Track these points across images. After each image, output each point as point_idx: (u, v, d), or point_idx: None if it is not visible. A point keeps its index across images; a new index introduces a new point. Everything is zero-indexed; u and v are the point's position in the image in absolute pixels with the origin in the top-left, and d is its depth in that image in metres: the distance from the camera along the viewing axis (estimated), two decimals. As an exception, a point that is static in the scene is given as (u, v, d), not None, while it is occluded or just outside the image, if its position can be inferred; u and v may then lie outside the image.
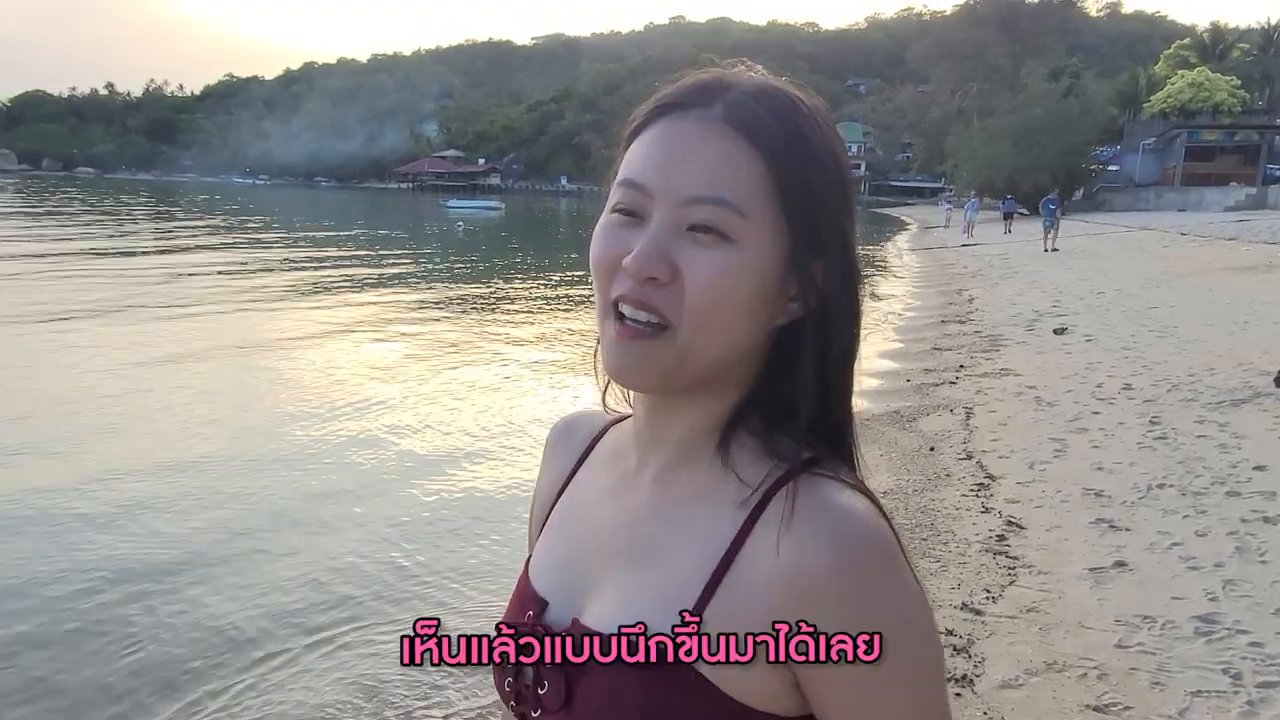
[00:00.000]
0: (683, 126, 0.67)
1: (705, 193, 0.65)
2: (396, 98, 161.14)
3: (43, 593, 4.17)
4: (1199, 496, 4.73)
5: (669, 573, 0.67)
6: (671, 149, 0.67)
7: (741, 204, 0.65)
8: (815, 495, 0.65)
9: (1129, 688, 3.02)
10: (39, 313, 11.62)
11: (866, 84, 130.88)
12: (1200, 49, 61.97)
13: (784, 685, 0.64)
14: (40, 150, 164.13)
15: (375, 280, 18.07)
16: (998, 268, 19.85)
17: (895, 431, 6.55)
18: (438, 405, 7.74)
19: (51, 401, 7.52)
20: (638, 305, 0.66)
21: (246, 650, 3.71)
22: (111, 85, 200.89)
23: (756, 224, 0.65)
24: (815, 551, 0.62)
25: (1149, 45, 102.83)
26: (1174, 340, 9.23)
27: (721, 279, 0.65)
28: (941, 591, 3.82)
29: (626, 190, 0.68)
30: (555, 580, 0.76)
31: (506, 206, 60.74)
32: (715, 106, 0.67)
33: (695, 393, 0.70)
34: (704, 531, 0.67)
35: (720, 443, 0.70)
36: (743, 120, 0.66)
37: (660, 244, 0.65)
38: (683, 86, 0.70)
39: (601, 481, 0.79)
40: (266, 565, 4.53)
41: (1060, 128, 41.73)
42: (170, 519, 5.08)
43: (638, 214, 0.67)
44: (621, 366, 0.68)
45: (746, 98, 0.67)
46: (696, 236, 0.65)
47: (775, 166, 0.65)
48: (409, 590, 4.29)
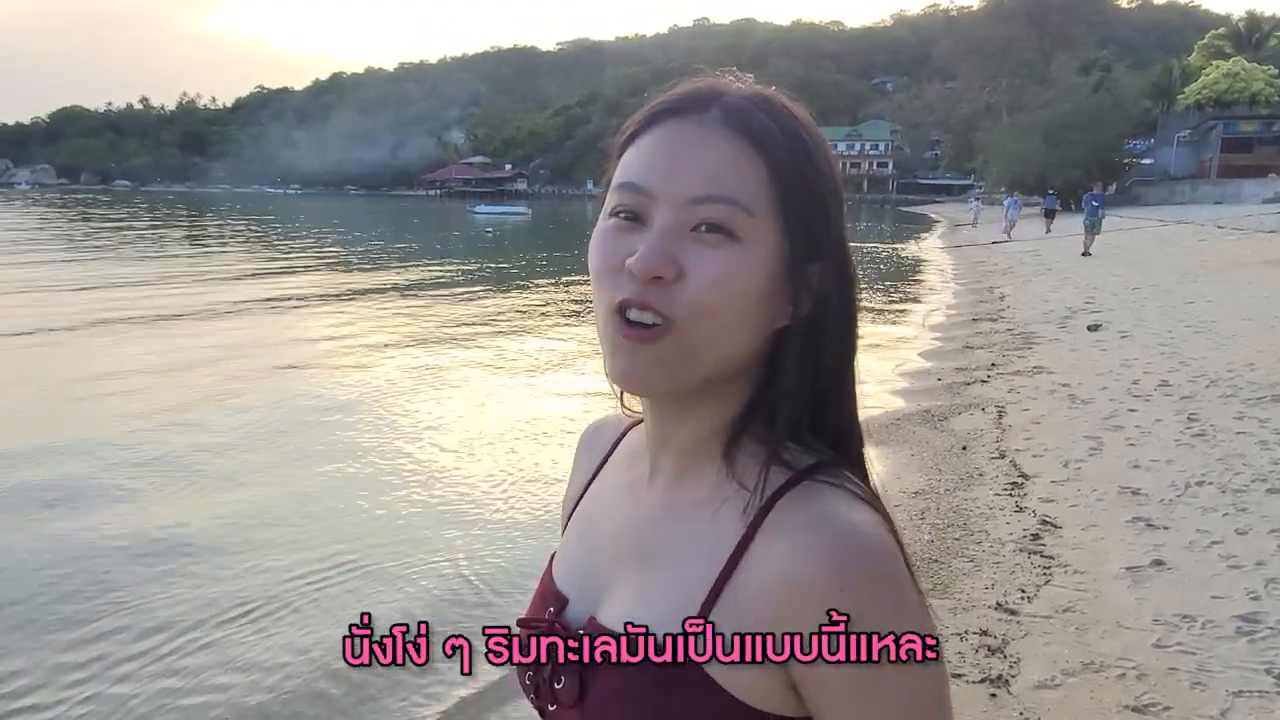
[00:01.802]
0: (682, 130, 0.67)
1: (713, 192, 0.65)
2: (424, 105, 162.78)
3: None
4: (1239, 494, 4.65)
5: (676, 575, 0.68)
6: (673, 151, 0.67)
7: (748, 203, 0.65)
8: (814, 504, 0.65)
9: (1169, 688, 2.98)
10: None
11: (893, 82, 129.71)
12: (1235, 38, 60.69)
13: (785, 688, 0.65)
14: (78, 164, 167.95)
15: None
16: (1029, 265, 19.60)
17: (926, 431, 6.50)
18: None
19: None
20: (642, 307, 0.65)
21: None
22: (146, 99, 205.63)
23: (761, 224, 0.65)
24: (810, 561, 0.62)
25: (1182, 36, 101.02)
26: (1211, 335, 9.06)
27: (728, 277, 0.65)
28: (975, 591, 3.79)
29: (626, 193, 0.67)
30: (575, 578, 0.77)
31: (533, 211, 61.05)
32: (712, 110, 0.67)
33: (700, 398, 0.70)
34: (710, 536, 0.68)
35: (725, 448, 0.70)
36: (743, 123, 0.67)
37: (665, 243, 0.65)
38: (676, 93, 0.70)
39: (620, 482, 0.80)
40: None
41: (1091, 122, 41.14)
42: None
43: (639, 217, 0.67)
44: (627, 372, 0.67)
45: (744, 102, 0.68)
46: (702, 236, 0.65)
47: (777, 168, 0.66)
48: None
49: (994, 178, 53.58)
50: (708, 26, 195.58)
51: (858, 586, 0.61)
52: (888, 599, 0.62)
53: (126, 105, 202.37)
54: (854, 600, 0.61)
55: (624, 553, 0.74)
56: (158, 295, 15.52)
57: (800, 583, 0.62)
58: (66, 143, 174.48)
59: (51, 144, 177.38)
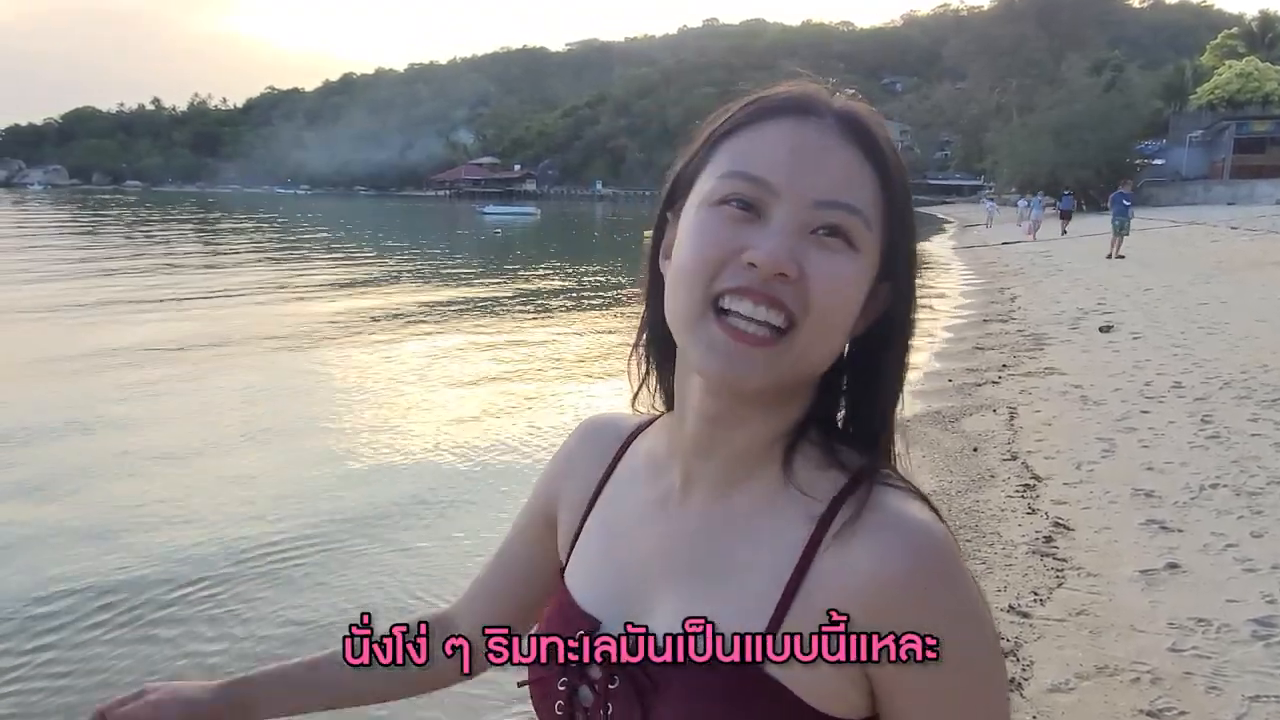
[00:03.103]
0: (803, 131, 0.66)
1: (840, 198, 0.65)
2: (433, 106, 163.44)
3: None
4: (1254, 496, 4.61)
5: (741, 585, 0.67)
6: (798, 150, 0.66)
7: (869, 214, 0.66)
8: (884, 504, 0.66)
9: (1184, 692, 2.95)
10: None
11: (903, 82, 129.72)
12: (1249, 38, 60.31)
13: (856, 690, 0.65)
14: (90, 165, 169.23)
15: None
16: (1040, 265, 19.51)
17: (937, 432, 6.47)
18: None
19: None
20: (762, 300, 0.63)
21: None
22: (158, 100, 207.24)
23: (874, 236, 0.67)
24: (889, 559, 0.63)
25: (1194, 36, 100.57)
26: (1225, 337, 8.99)
27: (846, 285, 0.66)
28: (987, 594, 3.74)
29: (743, 183, 0.65)
30: (605, 599, 0.74)
31: (542, 212, 61.15)
32: (828, 117, 0.67)
33: (769, 401, 0.69)
34: (772, 543, 0.67)
35: (786, 453, 0.70)
36: (860, 135, 0.67)
37: (792, 241, 0.64)
38: (786, 92, 0.70)
39: (644, 495, 0.77)
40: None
41: (1103, 122, 40.95)
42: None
43: (755, 208, 0.65)
44: (730, 370, 0.65)
45: (856, 113, 0.68)
46: (823, 240, 0.65)
47: (888, 185, 0.68)
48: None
49: (1004, 178, 53.43)
50: (717, 27, 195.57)
51: (939, 584, 0.63)
52: (965, 595, 0.64)
53: (139, 106, 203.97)
54: (937, 597, 0.63)
55: (668, 570, 0.71)
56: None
57: (885, 581, 0.63)
58: (79, 143, 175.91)
59: (64, 145, 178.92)
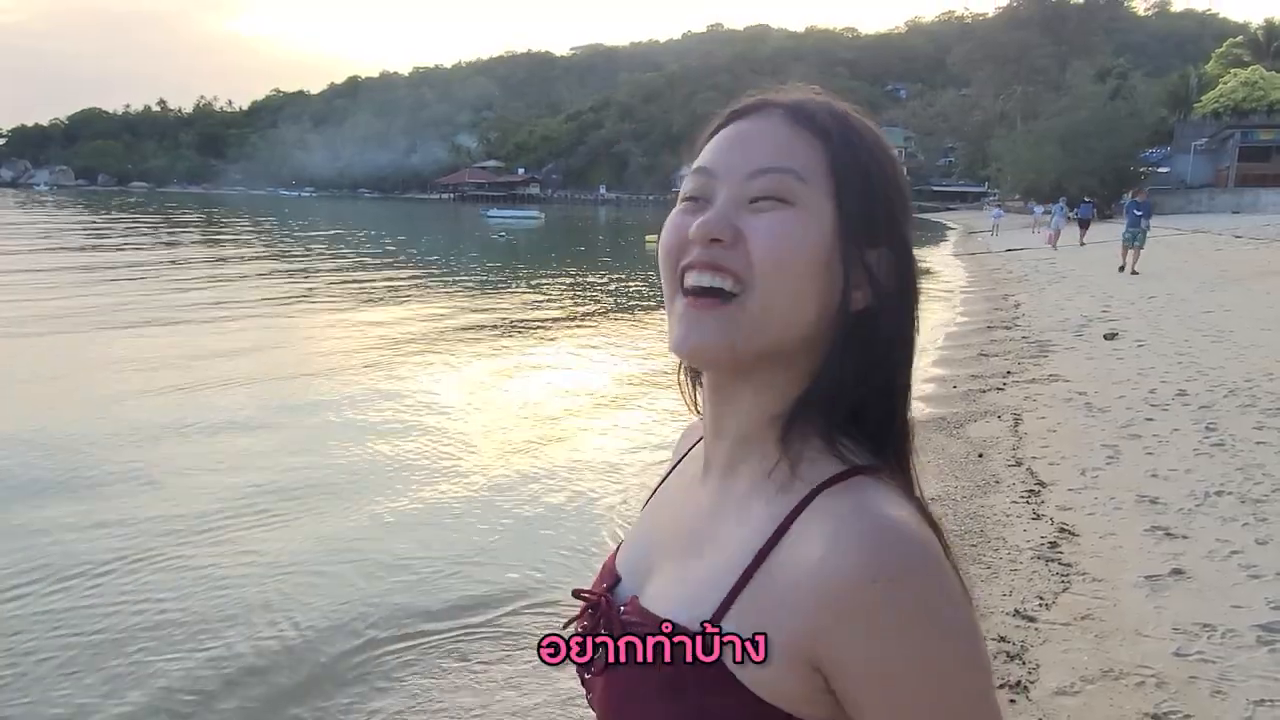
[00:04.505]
0: (748, 123, 0.72)
1: (768, 164, 0.69)
2: (437, 109, 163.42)
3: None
4: (1259, 504, 4.62)
5: (712, 566, 0.68)
6: (737, 138, 0.72)
7: (801, 170, 0.69)
8: (856, 496, 0.64)
9: (1189, 696, 2.97)
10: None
11: (907, 89, 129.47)
12: (1254, 46, 60.27)
13: (814, 689, 0.62)
14: (96, 166, 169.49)
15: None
16: (1044, 273, 19.51)
17: (943, 438, 6.49)
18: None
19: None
20: (705, 267, 0.68)
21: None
22: (164, 101, 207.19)
23: (814, 190, 0.68)
24: (839, 551, 0.61)
25: (1199, 44, 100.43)
26: (1230, 345, 9.00)
27: (783, 235, 0.67)
28: (993, 598, 3.79)
29: (694, 177, 0.72)
30: (631, 561, 0.80)
31: (546, 216, 61.12)
32: (777, 110, 0.72)
33: (756, 377, 0.70)
34: (752, 526, 0.67)
35: (782, 435, 0.70)
36: (803, 116, 0.71)
37: (725, 210, 0.69)
38: (748, 98, 0.75)
39: (684, 476, 0.83)
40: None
41: (1107, 130, 40.92)
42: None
43: (703, 197, 0.71)
44: (688, 337, 0.68)
45: (807, 101, 0.73)
46: (759, 205, 0.68)
47: (831, 149, 0.70)
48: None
49: (1008, 186, 53.39)
50: (721, 32, 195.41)
51: (892, 579, 0.59)
52: (923, 594, 0.60)
53: (144, 108, 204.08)
54: (886, 593, 0.59)
55: (671, 543, 0.76)
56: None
57: (831, 573, 0.60)
58: (85, 144, 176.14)
59: (70, 146, 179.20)
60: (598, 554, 4.62)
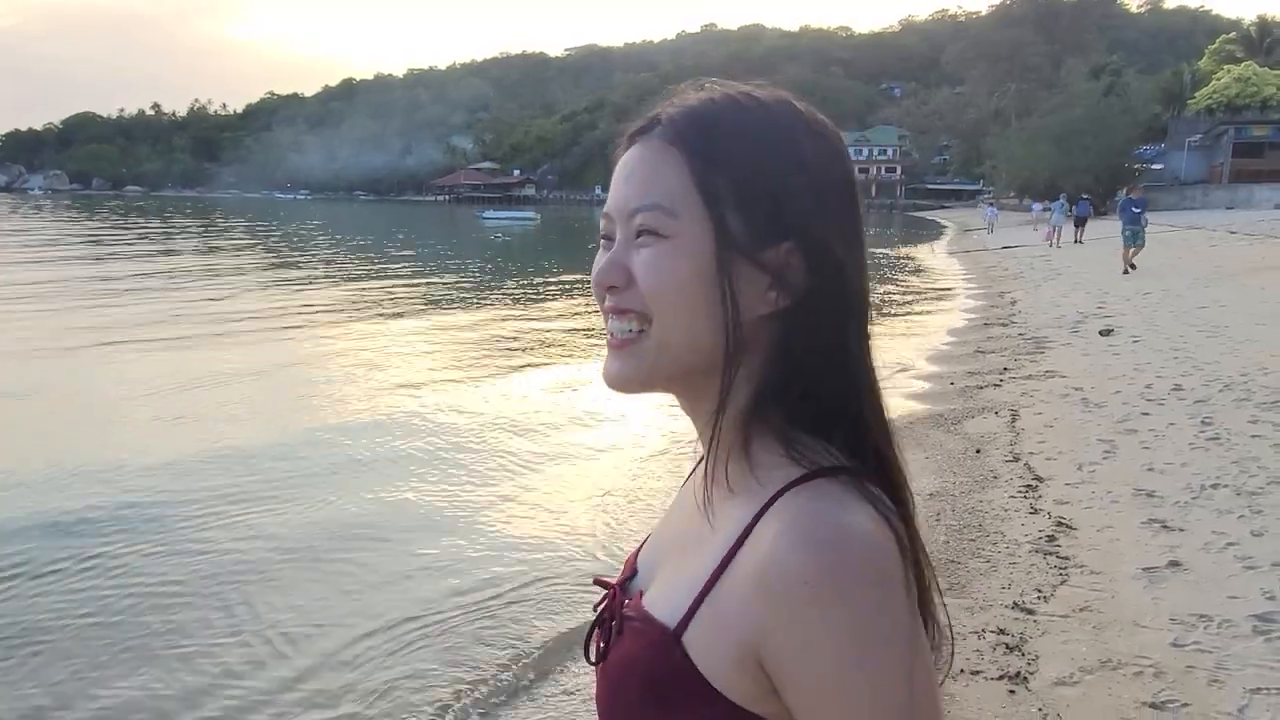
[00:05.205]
0: (635, 150, 0.73)
1: (640, 202, 0.70)
2: (432, 111, 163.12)
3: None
4: (1254, 496, 4.67)
5: (695, 568, 0.70)
6: (620, 174, 0.74)
7: (670, 204, 0.69)
8: (810, 499, 0.64)
9: (1187, 685, 3.01)
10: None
11: (901, 87, 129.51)
12: (1247, 43, 60.52)
13: (764, 689, 0.64)
14: (91, 170, 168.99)
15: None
16: (1040, 269, 19.58)
17: (940, 434, 6.53)
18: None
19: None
20: (611, 313, 0.72)
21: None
22: (158, 105, 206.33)
23: (688, 218, 0.69)
24: (785, 554, 0.61)
25: (1193, 40, 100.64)
26: (1225, 340, 9.06)
27: (656, 270, 0.69)
28: (992, 591, 3.83)
29: (603, 219, 0.75)
30: (646, 557, 0.83)
31: (541, 216, 61.19)
32: (656, 128, 0.72)
33: (694, 391, 0.73)
34: (724, 531, 0.69)
35: (742, 442, 0.71)
36: (674, 131, 0.71)
37: (614, 256, 0.72)
38: (641, 117, 0.75)
39: (696, 476, 0.86)
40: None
41: (1101, 127, 41.13)
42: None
43: (609, 237, 0.74)
44: (606, 373, 0.74)
45: (681, 111, 0.72)
46: (641, 240, 0.71)
47: (692, 159, 0.69)
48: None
49: (1003, 183, 53.57)
50: (715, 32, 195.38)
51: (822, 581, 0.60)
52: (851, 600, 0.60)
53: (139, 111, 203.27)
54: (814, 594, 0.60)
55: (675, 543, 0.78)
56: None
57: (770, 570, 0.62)
58: (79, 149, 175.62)
59: (64, 150, 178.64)
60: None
